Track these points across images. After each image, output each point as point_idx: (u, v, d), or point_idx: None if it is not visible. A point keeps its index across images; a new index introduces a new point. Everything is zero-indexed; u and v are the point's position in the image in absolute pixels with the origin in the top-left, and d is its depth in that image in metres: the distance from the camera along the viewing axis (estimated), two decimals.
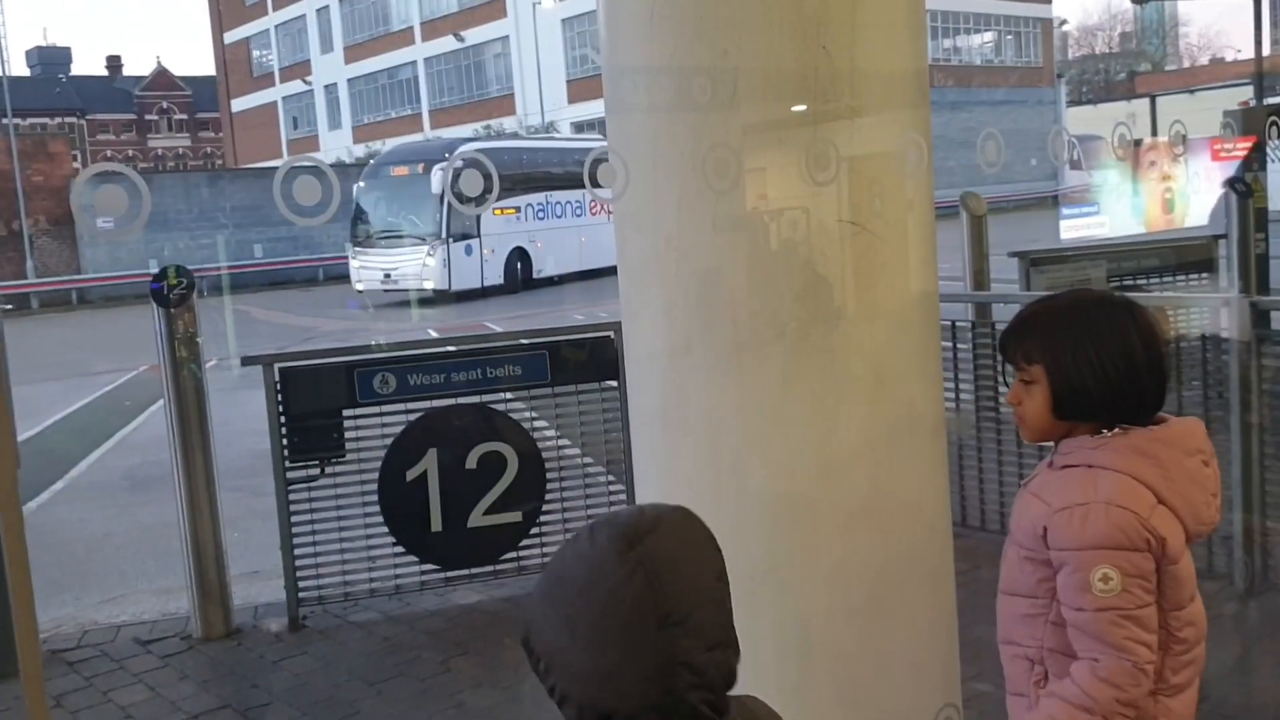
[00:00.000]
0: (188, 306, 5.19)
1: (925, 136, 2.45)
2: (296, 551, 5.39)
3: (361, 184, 26.72)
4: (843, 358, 2.40)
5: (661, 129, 2.36)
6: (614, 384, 5.59)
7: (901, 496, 2.49)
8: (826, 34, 2.26)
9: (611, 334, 5.54)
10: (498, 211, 26.49)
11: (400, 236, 25.88)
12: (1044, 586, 2.00)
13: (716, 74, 2.25)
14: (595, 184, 2.33)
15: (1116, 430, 2.00)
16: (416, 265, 25.23)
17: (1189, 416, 2.11)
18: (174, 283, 5.16)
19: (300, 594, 5.41)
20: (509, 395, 5.64)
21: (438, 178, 24.60)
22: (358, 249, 26.51)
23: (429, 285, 25.26)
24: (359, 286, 26.33)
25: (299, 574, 5.40)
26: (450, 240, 25.43)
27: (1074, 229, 13.62)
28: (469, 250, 25.98)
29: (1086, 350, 1.99)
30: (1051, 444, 2.12)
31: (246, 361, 5.43)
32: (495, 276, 26.72)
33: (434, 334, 18.62)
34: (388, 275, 25.66)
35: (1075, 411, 2.02)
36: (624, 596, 1.31)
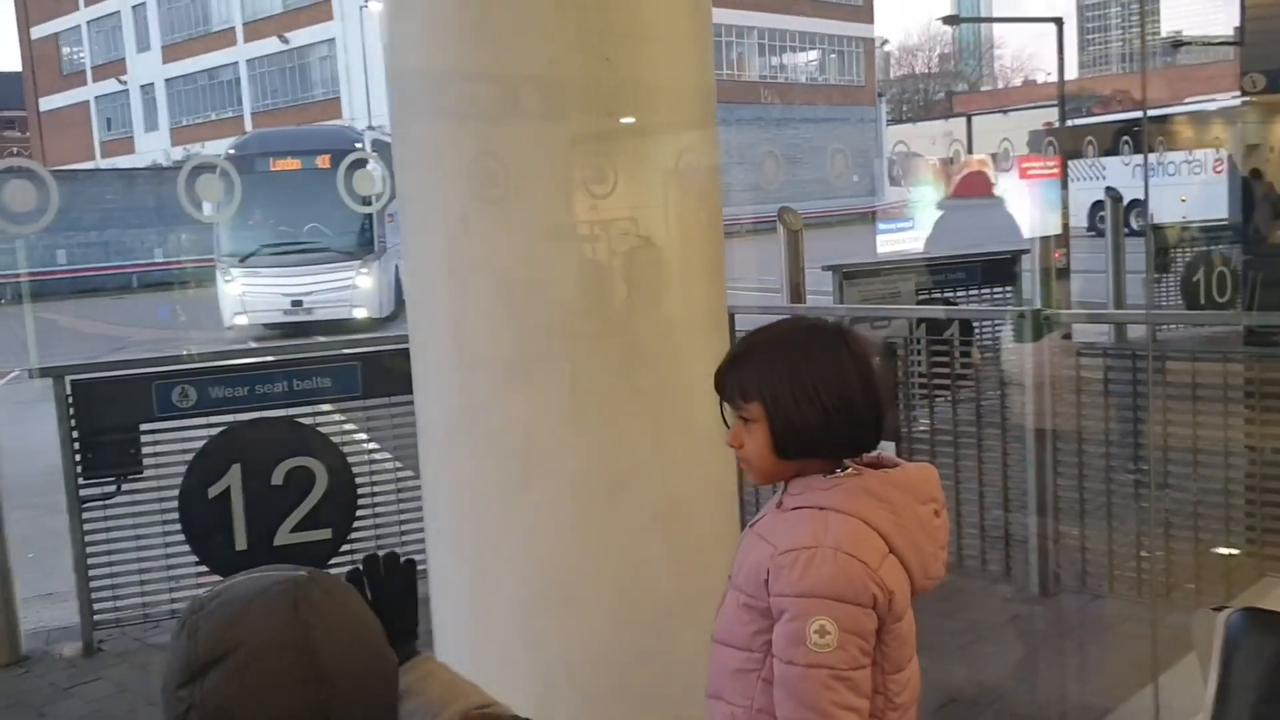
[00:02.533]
0: None
1: (712, 151, 2.48)
2: (92, 572, 5.14)
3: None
4: (629, 370, 2.40)
5: (444, 137, 2.32)
6: None
7: (690, 507, 2.51)
8: (609, 44, 2.25)
9: None
10: (390, 219, 20.04)
11: (312, 251, 19.30)
12: (759, 640, 1.83)
13: (499, 81, 2.22)
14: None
15: (850, 470, 1.86)
16: (341, 289, 19.04)
17: (924, 463, 1.97)
18: None
19: (96, 616, 5.16)
20: (328, 408, 5.50)
21: (377, 174, 18.94)
22: (240, 269, 19.24)
23: (360, 313, 18.91)
24: (240, 319, 19.00)
25: (94, 595, 5.15)
26: (382, 255, 19.36)
27: (890, 243, 14.08)
28: (384, 267, 19.82)
29: (803, 383, 1.84)
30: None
31: (38, 374, 5.19)
32: (391, 300, 20.14)
33: (253, 344, 17.89)
34: (298, 303, 19.05)
35: (797, 449, 1.86)
36: None
